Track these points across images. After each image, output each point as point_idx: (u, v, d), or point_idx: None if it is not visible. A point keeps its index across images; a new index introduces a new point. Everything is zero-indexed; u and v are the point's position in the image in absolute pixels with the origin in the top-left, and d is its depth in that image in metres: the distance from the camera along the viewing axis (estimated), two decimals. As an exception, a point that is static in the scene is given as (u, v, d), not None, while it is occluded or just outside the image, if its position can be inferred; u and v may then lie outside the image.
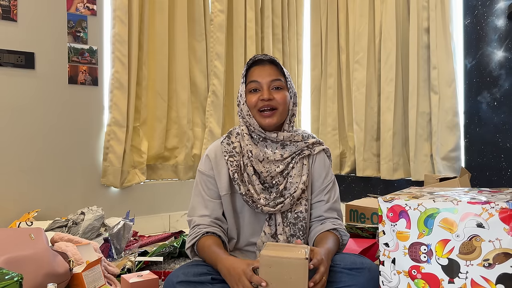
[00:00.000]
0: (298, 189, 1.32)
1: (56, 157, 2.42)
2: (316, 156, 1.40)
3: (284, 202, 1.30)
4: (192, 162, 2.87)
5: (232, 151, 1.34)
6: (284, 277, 1.06)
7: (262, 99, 1.29)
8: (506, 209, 0.92)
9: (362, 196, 3.01)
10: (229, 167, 1.31)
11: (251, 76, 1.33)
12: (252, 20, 3.07)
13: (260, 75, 1.31)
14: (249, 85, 1.33)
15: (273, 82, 1.31)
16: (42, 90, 2.38)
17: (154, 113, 2.76)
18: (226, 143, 1.36)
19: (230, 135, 1.39)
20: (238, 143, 1.36)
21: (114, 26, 2.53)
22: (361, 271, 1.19)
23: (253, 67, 1.35)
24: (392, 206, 1.05)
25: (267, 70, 1.32)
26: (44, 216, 2.32)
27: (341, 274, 1.19)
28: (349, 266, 1.20)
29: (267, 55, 1.36)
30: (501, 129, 2.38)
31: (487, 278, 0.93)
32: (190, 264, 1.26)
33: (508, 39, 2.34)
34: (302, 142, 1.36)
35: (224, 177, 1.33)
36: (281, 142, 1.34)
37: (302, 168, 1.35)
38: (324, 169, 1.40)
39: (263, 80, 1.31)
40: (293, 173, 1.33)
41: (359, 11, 3.00)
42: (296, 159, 1.35)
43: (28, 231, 1.40)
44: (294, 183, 1.33)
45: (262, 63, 1.34)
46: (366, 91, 2.96)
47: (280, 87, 1.32)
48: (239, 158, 1.33)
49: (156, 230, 2.71)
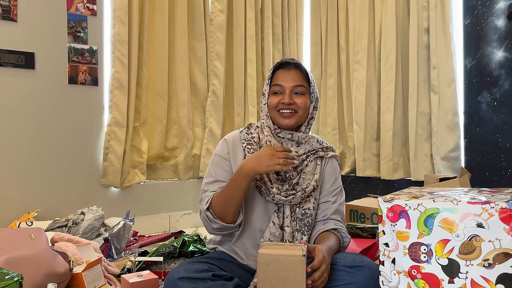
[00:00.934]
0: (310, 185, 1.36)
1: (56, 157, 2.42)
2: (328, 160, 1.45)
3: (295, 195, 1.33)
4: (192, 162, 2.87)
5: (251, 140, 1.41)
6: (282, 275, 1.07)
7: (282, 103, 1.35)
8: (506, 209, 0.92)
9: (362, 196, 3.02)
10: (246, 153, 1.37)
11: (275, 79, 1.39)
12: (252, 20, 3.07)
13: (284, 79, 1.37)
14: (272, 87, 1.39)
15: (295, 88, 1.36)
16: (42, 90, 2.38)
17: (154, 113, 2.76)
18: (245, 132, 1.44)
19: (249, 127, 1.46)
20: (257, 134, 1.42)
21: (114, 26, 2.53)
22: (361, 269, 1.21)
23: (279, 69, 1.40)
24: (392, 206, 1.05)
25: (292, 74, 1.37)
26: (44, 216, 2.32)
27: (341, 272, 1.21)
28: (349, 264, 1.22)
29: (293, 59, 1.41)
30: (501, 129, 2.38)
31: (487, 278, 0.93)
32: (191, 261, 1.28)
33: (508, 39, 2.34)
34: (317, 144, 1.42)
35: (239, 161, 1.36)
36: (296, 141, 1.40)
37: (316, 167, 1.40)
38: (334, 174, 1.45)
39: (287, 84, 1.36)
40: (307, 170, 1.39)
41: (359, 11, 3.00)
42: (310, 157, 1.40)
43: (28, 231, 1.40)
44: (306, 179, 1.38)
45: (288, 67, 1.39)
46: (366, 91, 2.96)
47: (302, 92, 1.37)
48: (256, 148, 1.39)
49: (156, 230, 2.72)
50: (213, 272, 1.20)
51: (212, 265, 1.25)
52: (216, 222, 1.30)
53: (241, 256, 1.37)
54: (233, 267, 1.33)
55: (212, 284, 1.16)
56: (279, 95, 1.37)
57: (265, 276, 1.08)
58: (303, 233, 1.35)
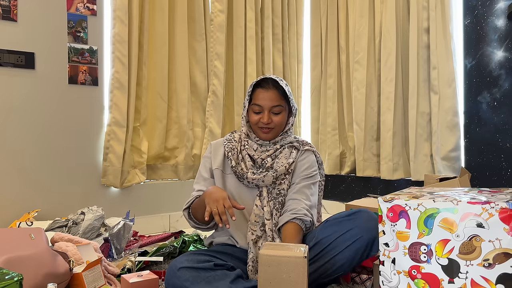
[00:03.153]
0: (282, 166, 1.51)
1: (56, 157, 2.42)
2: (304, 152, 1.60)
3: (267, 173, 1.49)
4: (192, 162, 2.87)
5: (231, 139, 1.60)
6: (283, 276, 1.07)
7: (262, 122, 1.52)
8: (506, 209, 0.92)
9: (362, 196, 3.02)
10: (225, 148, 1.56)
11: (255, 98, 1.54)
12: (252, 20, 3.07)
13: (263, 99, 1.52)
14: (252, 106, 1.54)
15: (273, 108, 1.52)
16: (42, 90, 2.38)
17: (154, 113, 2.76)
18: (228, 135, 1.64)
19: (233, 132, 1.66)
20: (239, 136, 1.62)
21: (114, 26, 2.53)
22: (359, 213, 1.38)
23: (258, 88, 1.54)
24: (392, 206, 1.05)
25: (270, 94, 1.51)
26: (44, 216, 2.32)
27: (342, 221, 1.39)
28: (347, 214, 1.42)
29: (271, 77, 1.54)
30: (501, 129, 2.38)
31: (487, 278, 0.93)
32: (193, 252, 1.36)
33: (508, 39, 2.34)
34: (294, 139, 1.60)
35: (220, 157, 1.58)
36: (273, 141, 1.59)
37: (290, 154, 1.56)
38: (309, 162, 1.58)
39: (265, 104, 1.51)
40: (281, 155, 1.55)
41: (359, 11, 3.00)
42: (285, 146, 1.57)
43: (28, 231, 1.40)
44: (279, 163, 1.53)
45: (266, 86, 1.52)
46: (366, 91, 2.96)
47: (279, 112, 1.53)
48: (236, 145, 1.58)
49: (156, 230, 2.72)
50: (215, 262, 1.26)
51: (214, 257, 1.31)
52: (190, 221, 1.51)
53: (236, 240, 1.48)
54: (233, 260, 1.39)
55: (213, 274, 1.22)
56: (259, 114, 1.53)
57: (266, 277, 1.07)
58: (278, 210, 1.48)
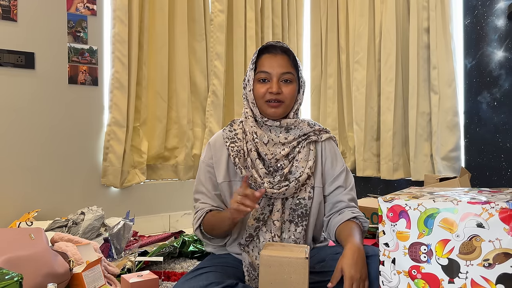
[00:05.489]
0: (304, 173, 1.28)
1: (56, 157, 2.42)
2: (325, 144, 1.37)
3: (289, 186, 1.26)
4: (192, 162, 2.87)
5: (234, 137, 1.33)
6: (284, 277, 1.06)
7: (270, 92, 1.27)
8: (506, 209, 0.92)
9: (362, 196, 3.02)
10: (230, 152, 1.29)
11: (261, 65, 1.30)
12: (252, 20, 3.07)
13: (271, 66, 1.28)
14: (258, 74, 1.30)
15: (283, 75, 1.28)
16: (42, 90, 2.38)
17: (154, 113, 2.76)
18: (228, 130, 1.36)
19: (232, 123, 1.39)
20: (241, 130, 1.35)
21: (114, 26, 2.52)
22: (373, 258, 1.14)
23: (264, 54, 1.31)
24: (392, 206, 1.05)
25: (279, 60, 1.29)
26: (44, 216, 2.32)
27: None
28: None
29: (279, 42, 1.33)
30: (501, 129, 2.38)
31: (487, 278, 0.93)
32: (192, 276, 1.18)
33: (508, 39, 2.34)
34: (308, 127, 1.34)
35: (223, 165, 1.32)
36: (285, 127, 1.33)
37: (309, 153, 1.32)
38: (335, 157, 1.37)
39: (273, 71, 1.28)
40: (299, 157, 1.31)
41: (359, 11, 3.00)
42: (302, 143, 1.32)
43: (28, 231, 1.40)
44: (300, 167, 1.29)
45: (274, 51, 1.30)
46: (366, 91, 2.96)
47: (290, 80, 1.30)
48: (241, 144, 1.31)
49: (156, 230, 2.71)
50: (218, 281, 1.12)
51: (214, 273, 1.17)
52: (205, 240, 1.33)
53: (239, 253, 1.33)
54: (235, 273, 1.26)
55: None
56: (266, 83, 1.29)
57: (267, 277, 1.07)
58: (297, 224, 1.28)
